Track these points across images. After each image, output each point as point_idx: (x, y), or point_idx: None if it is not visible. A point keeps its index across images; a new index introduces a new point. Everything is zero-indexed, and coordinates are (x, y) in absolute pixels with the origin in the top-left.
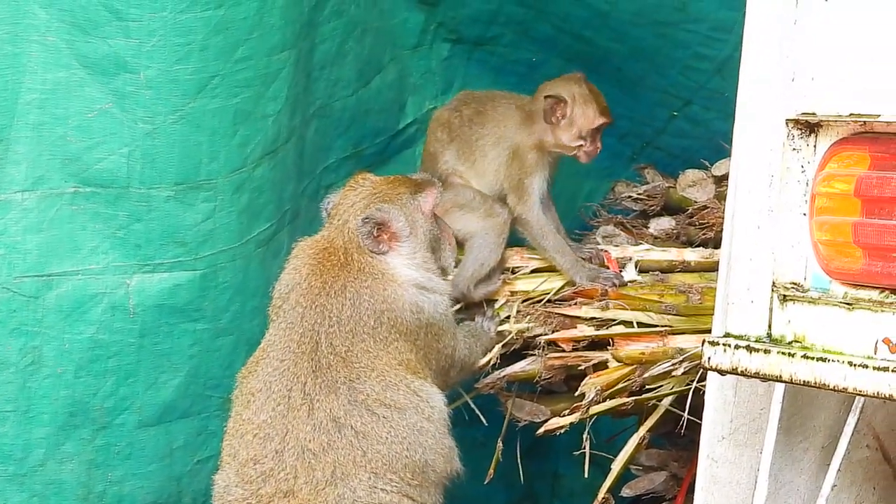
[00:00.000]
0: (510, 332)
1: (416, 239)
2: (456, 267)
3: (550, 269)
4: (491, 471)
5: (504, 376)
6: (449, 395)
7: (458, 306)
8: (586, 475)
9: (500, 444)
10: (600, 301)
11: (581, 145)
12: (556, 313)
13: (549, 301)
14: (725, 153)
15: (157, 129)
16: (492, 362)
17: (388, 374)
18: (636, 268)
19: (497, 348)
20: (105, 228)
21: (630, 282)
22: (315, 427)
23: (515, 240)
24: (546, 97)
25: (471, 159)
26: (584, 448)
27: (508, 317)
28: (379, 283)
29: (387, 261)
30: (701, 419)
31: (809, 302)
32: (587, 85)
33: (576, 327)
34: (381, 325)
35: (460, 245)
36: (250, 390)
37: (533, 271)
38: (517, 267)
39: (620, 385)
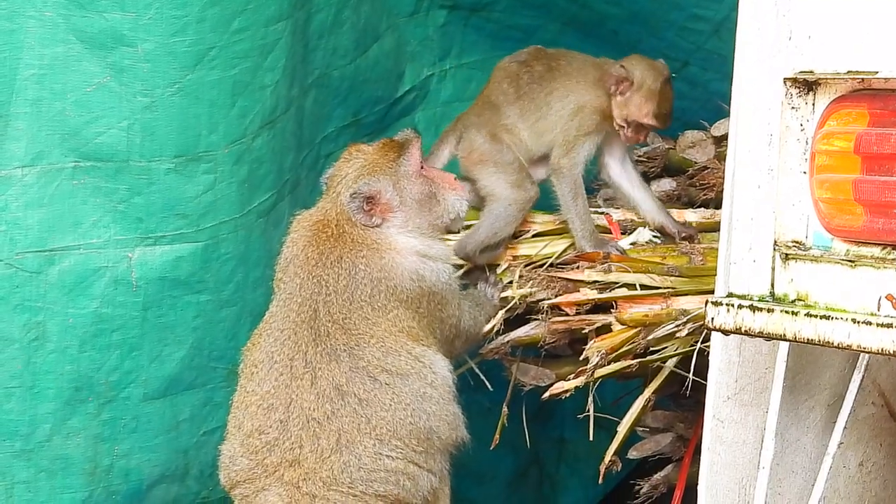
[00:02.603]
0: (513, 298)
1: (407, 206)
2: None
3: (553, 233)
4: (496, 436)
5: (508, 341)
6: (453, 362)
7: (461, 271)
8: (591, 438)
9: (505, 409)
10: (603, 264)
11: (623, 127)
12: (558, 277)
13: (551, 265)
14: (724, 114)
15: (156, 102)
16: (495, 328)
17: (388, 340)
18: (646, 229)
19: (500, 314)
20: (106, 202)
21: (632, 244)
22: (318, 396)
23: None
24: (620, 66)
25: (533, 118)
26: (589, 411)
27: (511, 282)
28: (375, 253)
29: (381, 231)
30: (706, 380)
31: (811, 260)
32: (664, 84)
33: (579, 291)
34: (378, 293)
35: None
36: (253, 362)
37: (535, 235)
38: (519, 231)
39: (625, 348)
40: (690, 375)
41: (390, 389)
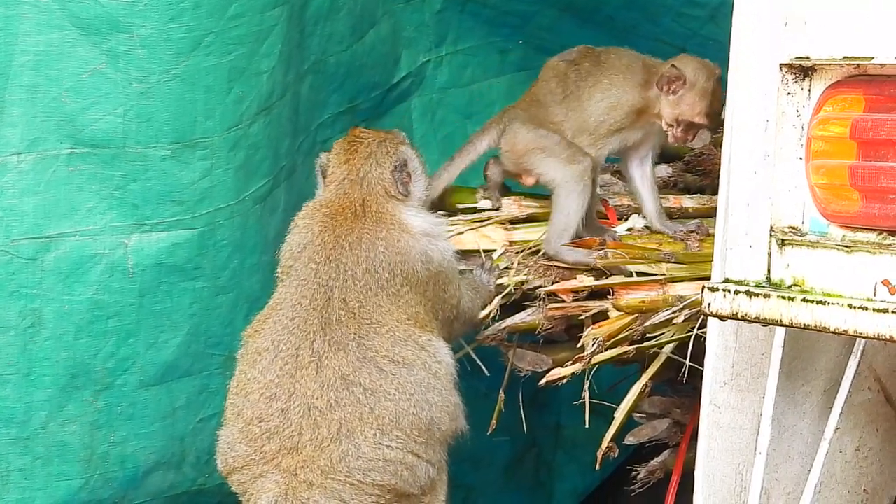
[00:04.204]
0: (509, 285)
1: (422, 171)
2: None
3: (548, 218)
4: (493, 422)
5: (505, 328)
6: (451, 348)
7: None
8: (587, 425)
9: (501, 395)
10: (599, 250)
11: (672, 127)
12: (555, 264)
13: None
14: None
15: (152, 89)
16: (492, 314)
17: (398, 329)
18: (641, 216)
19: (497, 300)
20: (102, 189)
21: (628, 230)
22: (323, 385)
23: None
24: (672, 66)
25: (577, 116)
26: (584, 398)
27: (507, 268)
28: (394, 234)
29: (400, 207)
30: (702, 366)
31: (808, 246)
32: (716, 83)
33: (575, 278)
34: (394, 277)
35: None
36: (257, 349)
37: (531, 220)
38: (515, 216)
39: (622, 334)
40: (687, 361)
41: (395, 380)
